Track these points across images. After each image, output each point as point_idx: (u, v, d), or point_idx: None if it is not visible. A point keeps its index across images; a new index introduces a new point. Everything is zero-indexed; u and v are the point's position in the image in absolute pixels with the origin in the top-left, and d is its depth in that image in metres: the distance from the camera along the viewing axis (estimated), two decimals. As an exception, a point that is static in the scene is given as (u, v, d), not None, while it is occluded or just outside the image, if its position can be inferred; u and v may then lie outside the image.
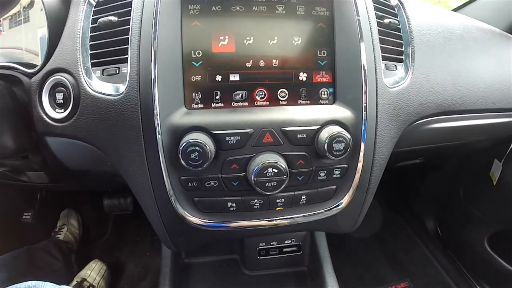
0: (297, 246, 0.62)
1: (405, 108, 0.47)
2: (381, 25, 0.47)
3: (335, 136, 0.37)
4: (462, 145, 0.70)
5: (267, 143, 0.39)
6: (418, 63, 0.50)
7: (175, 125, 0.37)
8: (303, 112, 0.40)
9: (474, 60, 0.56)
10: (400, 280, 0.90)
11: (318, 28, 0.41)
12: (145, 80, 0.38)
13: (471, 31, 0.58)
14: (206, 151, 0.36)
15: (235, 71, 0.40)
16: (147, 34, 0.38)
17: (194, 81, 0.39)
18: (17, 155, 0.49)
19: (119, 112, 0.40)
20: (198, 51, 0.39)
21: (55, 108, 0.43)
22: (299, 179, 0.41)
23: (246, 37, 0.39)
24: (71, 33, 0.43)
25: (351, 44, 0.41)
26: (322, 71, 0.41)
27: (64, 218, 1.03)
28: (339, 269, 0.61)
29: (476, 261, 0.85)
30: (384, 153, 0.45)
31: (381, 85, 0.44)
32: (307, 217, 0.44)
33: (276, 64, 0.40)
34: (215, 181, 0.40)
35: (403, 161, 0.74)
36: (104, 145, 0.43)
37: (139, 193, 0.44)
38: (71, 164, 0.53)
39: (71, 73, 0.42)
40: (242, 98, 0.40)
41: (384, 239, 1.02)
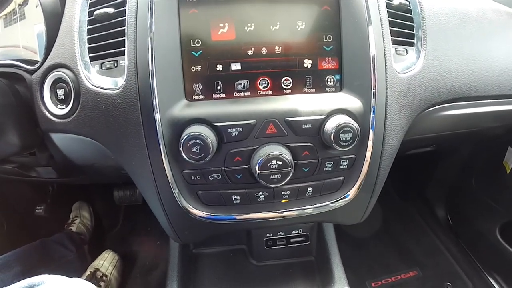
0: (305, 236, 0.62)
1: (417, 94, 0.45)
2: (390, 7, 0.44)
3: (342, 126, 0.36)
4: (475, 132, 0.67)
5: (271, 134, 0.38)
6: (431, 47, 0.47)
7: (175, 118, 0.37)
8: (308, 101, 0.38)
9: (489, 43, 0.53)
10: (409, 269, 0.89)
11: (323, 11, 0.39)
12: (143, 72, 0.37)
13: (486, 12, 0.55)
14: (207, 144, 0.35)
15: (236, 60, 0.38)
16: (143, 24, 0.37)
17: (194, 71, 0.38)
18: (24, 152, 0.50)
19: (119, 106, 0.39)
20: (197, 40, 0.37)
21: (56, 104, 0.43)
22: (305, 170, 0.40)
23: (246, 23, 0.38)
24: (68, 27, 0.42)
25: (359, 27, 0.39)
26: (328, 57, 0.39)
27: (76, 210, 1.05)
28: (347, 259, 0.61)
29: (487, 251, 0.84)
30: (394, 143, 0.43)
31: (390, 71, 0.42)
32: (313, 209, 0.43)
33: (279, 51, 0.38)
34: (219, 174, 0.39)
35: (413, 149, 0.72)
36: (106, 140, 0.42)
37: (143, 187, 0.43)
38: (77, 159, 0.53)
39: (71, 68, 0.41)
40: (244, 87, 0.38)
41: (393, 228, 1.01)
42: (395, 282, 0.86)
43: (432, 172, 1.01)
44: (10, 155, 0.51)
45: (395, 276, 0.87)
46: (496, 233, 0.79)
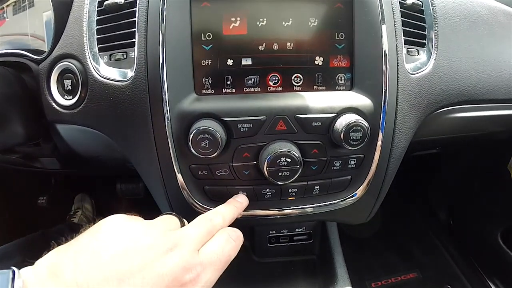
0: (308, 235, 0.61)
1: (427, 96, 0.44)
2: (403, 7, 0.44)
3: (352, 125, 0.36)
4: (482, 136, 0.67)
5: (280, 131, 0.37)
6: (442, 48, 0.46)
7: (184, 112, 0.36)
8: (319, 98, 0.38)
9: (499, 46, 0.53)
10: (409, 271, 0.89)
11: (336, 9, 0.38)
12: (153, 65, 0.37)
13: (497, 15, 0.54)
14: (217, 138, 0.34)
15: (247, 55, 0.38)
16: (154, 16, 0.37)
17: (204, 65, 0.37)
18: (28, 142, 0.49)
19: (127, 98, 0.39)
20: (208, 33, 0.37)
21: (63, 95, 0.42)
22: (313, 168, 0.40)
23: (259, 18, 0.37)
24: (77, 17, 0.42)
25: (372, 26, 0.38)
26: (339, 55, 0.39)
27: (78, 202, 1.05)
28: (349, 258, 0.61)
29: (488, 255, 0.84)
30: (403, 143, 0.43)
31: (402, 71, 0.41)
32: (320, 207, 0.43)
33: (291, 47, 0.38)
34: (226, 170, 0.39)
35: (419, 151, 0.72)
36: (113, 132, 0.42)
37: (149, 180, 0.43)
38: (82, 150, 0.53)
39: (78, 59, 0.41)
40: (254, 83, 0.38)
41: (394, 229, 1.01)
42: (395, 283, 0.86)
43: (435, 174, 1.01)
44: (14, 145, 0.51)
45: (395, 277, 0.87)
46: (498, 237, 0.79)
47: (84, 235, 0.28)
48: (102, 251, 0.26)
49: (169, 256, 0.27)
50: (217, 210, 0.35)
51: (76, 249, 0.27)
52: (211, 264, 0.29)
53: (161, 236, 0.29)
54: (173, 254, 0.27)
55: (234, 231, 0.33)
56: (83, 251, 0.26)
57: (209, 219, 0.32)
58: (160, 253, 0.27)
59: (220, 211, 0.35)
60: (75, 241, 0.28)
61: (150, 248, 0.27)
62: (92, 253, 0.26)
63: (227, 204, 0.37)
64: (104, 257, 0.26)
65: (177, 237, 0.29)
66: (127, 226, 0.29)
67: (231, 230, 0.33)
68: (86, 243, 0.27)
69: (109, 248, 0.26)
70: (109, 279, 0.25)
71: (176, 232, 0.30)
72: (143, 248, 0.27)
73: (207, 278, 0.28)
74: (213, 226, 0.32)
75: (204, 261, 0.28)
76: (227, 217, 0.34)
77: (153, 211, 0.46)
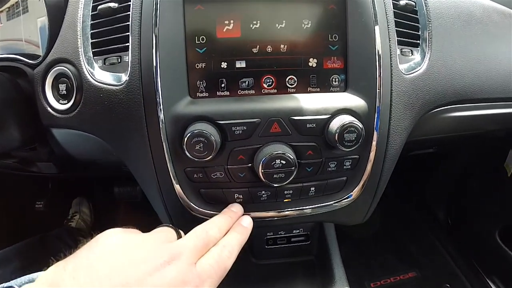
0: (305, 236, 0.61)
1: (421, 96, 0.44)
2: (396, 7, 0.44)
3: (346, 126, 0.36)
4: (478, 135, 0.67)
5: (275, 133, 0.37)
6: (436, 48, 0.47)
7: (179, 115, 0.36)
8: (313, 100, 0.38)
9: (493, 45, 0.53)
10: (408, 270, 0.89)
11: (329, 10, 0.38)
12: (147, 68, 0.37)
13: (491, 14, 0.54)
14: (211, 141, 0.34)
15: (241, 58, 0.38)
16: (148, 20, 0.37)
17: (198, 68, 0.37)
18: (24, 146, 0.49)
19: (122, 102, 0.39)
20: (202, 36, 0.37)
21: (58, 99, 0.42)
22: (308, 170, 0.40)
23: (252, 21, 0.37)
24: (71, 22, 0.42)
25: (365, 27, 0.38)
26: (333, 57, 0.39)
27: (76, 206, 1.05)
28: (347, 258, 0.61)
29: (487, 254, 0.84)
30: (398, 144, 0.43)
31: (396, 72, 0.41)
32: (316, 209, 0.43)
33: (285, 49, 0.38)
34: (221, 173, 0.39)
35: (415, 151, 0.72)
36: (109, 136, 0.42)
37: (144, 184, 0.43)
38: (78, 154, 0.53)
39: (73, 63, 0.41)
40: (248, 85, 0.38)
41: (392, 229, 1.01)
42: (394, 282, 0.86)
43: (432, 174, 1.01)
44: (11, 149, 0.51)
45: (394, 277, 0.87)
46: (496, 236, 0.79)
47: (82, 250, 0.29)
48: (99, 265, 0.26)
49: (167, 269, 0.27)
50: (213, 222, 0.35)
51: (74, 264, 0.27)
52: (209, 277, 0.29)
53: (157, 248, 0.29)
54: (171, 267, 0.27)
55: (229, 244, 0.32)
56: (81, 267, 0.26)
57: (205, 230, 0.32)
58: (157, 265, 0.27)
59: (216, 222, 0.35)
60: (73, 257, 0.28)
61: (145, 261, 0.27)
62: (90, 268, 0.26)
63: (222, 214, 0.37)
64: (102, 271, 0.26)
65: (174, 249, 0.29)
66: (123, 239, 0.29)
67: (227, 242, 0.33)
68: (83, 258, 0.27)
69: (105, 262, 0.27)
70: None
71: (173, 244, 0.30)
72: (139, 261, 0.27)
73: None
74: (209, 238, 0.32)
75: (201, 274, 0.28)
76: (222, 228, 0.34)
77: (151, 214, 0.46)
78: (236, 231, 0.35)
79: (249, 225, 0.37)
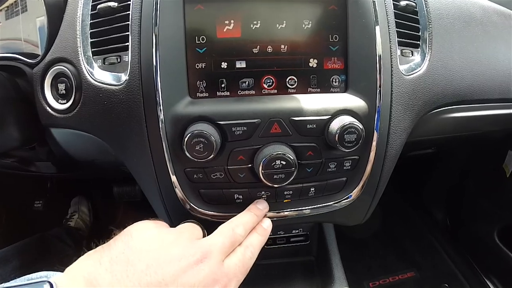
0: (305, 236, 0.61)
1: (421, 97, 0.44)
2: (397, 8, 0.44)
3: (346, 127, 0.36)
4: (477, 136, 0.68)
5: (275, 133, 0.37)
6: (436, 49, 0.47)
7: (179, 115, 0.36)
8: (313, 101, 0.38)
9: (493, 46, 0.53)
10: (406, 270, 0.90)
11: (330, 11, 0.38)
12: (147, 68, 0.36)
13: (490, 15, 0.54)
14: (211, 142, 0.34)
15: (242, 58, 0.37)
16: (148, 20, 0.36)
17: (198, 68, 0.37)
18: (23, 146, 0.49)
19: (121, 102, 0.38)
20: (202, 36, 0.37)
21: (57, 99, 0.42)
22: (308, 171, 0.40)
23: (252, 21, 0.37)
24: (70, 21, 0.42)
25: (366, 28, 0.38)
26: (333, 57, 0.39)
27: (75, 205, 1.05)
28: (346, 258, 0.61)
29: (485, 254, 0.84)
30: (398, 144, 0.43)
31: (396, 73, 0.41)
32: (316, 209, 0.43)
33: (285, 49, 0.38)
34: (221, 173, 0.39)
35: (415, 151, 0.72)
36: (108, 136, 0.42)
37: (144, 184, 0.43)
38: (77, 154, 0.53)
39: (72, 63, 0.41)
40: (248, 86, 0.38)
41: (391, 229, 1.01)
42: (393, 282, 0.87)
43: (431, 174, 1.01)
44: (9, 149, 0.50)
45: (392, 277, 0.87)
46: (494, 236, 0.79)
47: (116, 243, 0.29)
48: (136, 261, 0.27)
49: (200, 267, 0.28)
50: (240, 220, 0.35)
51: (109, 258, 0.27)
52: (235, 276, 0.30)
53: (190, 245, 0.30)
54: (203, 265, 0.28)
55: (252, 245, 0.33)
56: (117, 261, 0.27)
57: (232, 229, 0.33)
58: (191, 263, 0.28)
59: (242, 220, 0.35)
60: (107, 249, 0.28)
61: (181, 258, 0.28)
62: (127, 262, 0.27)
63: (248, 211, 0.37)
64: (139, 267, 0.26)
65: (204, 247, 0.30)
66: (157, 235, 0.30)
67: (249, 243, 0.33)
68: (119, 252, 0.28)
69: (142, 257, 0.27)
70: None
71: (203, 242, 0.31)
72: (175, 258, 0.28)
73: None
74: (236, 237, 0.33)
75: (229, 273, 0.29)
76: (248, 227, 0.35)
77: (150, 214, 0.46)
78: (258, 233, 0.36)
79: (269, 228, 0.38)
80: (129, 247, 0.28)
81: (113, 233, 0.31)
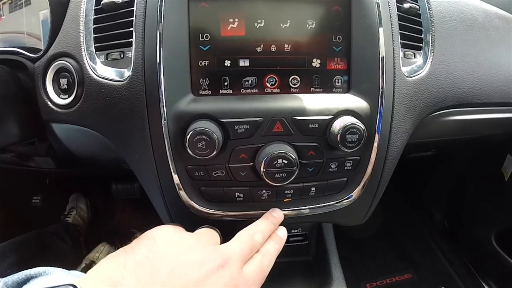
0: (304, 236, 0.61)
1: (423, 99, 0.45)
2: (400, 10, 0.44)
3: (348, 127, 0.36)
4: (476, 139, 0.68)
5: (277, 132, 0.37)
6: (438, 51, 0.47)
7: (181, 112, 0.36)
8: (316, 100, 0.38)
9: (494, 50, 0.53)
10: (404, 271, 0.90)
11: (334, 11, 0.38)
12: (151, 65, 0.36)
13: (492, 19, 0.55)
14: (213, 140, 0.34)
15: (245, 56, 0.38)
16: (152, 16, 0.36)
17: (201, 66, 0.37)
18: (23, 141, 0.49)
19: (124, 98, 0.38)
20: (206, 34, 0.37)
21: (59, 94, 0.42)
22: (309, 170, 0.40)
23: (257, 19, 0.37)
24: (74, 16, 0.42)
25: (369, 29, 0.39)
26: (336, 58, 0.39)
27: (73, 201, 1.05)
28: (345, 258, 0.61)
29: (482, 257, 0.84)
30: (398, 146, 0.43)
31: (398, 74, 0.42)
32: (316, 209, 0.43)
33: (288, 49, 0.38)
34: (223, 171, 0.39)
35: (415, 153, 0.72)
36: (109, 132, 0.42)
37: (145, 181, 0.43)
38: (77, 150, 0.52)
39: (75, 58, 0.40)
40: (251, 84, 0.38)
41: (391, 230, 1.02)
42: (390, 283, 0.87)
43: (430, 177, 1.01)
44: (9, 144, 0.50)
45: (390, 278, 0.88)
46: (492, 239, 0.80)
47: (139, 247, 0.29)
48: (160, 265, 0.27)
49: (221, 272, 0.28)
50: (257, 228, 0.35)
51: (133, 262, 0.27)
52: (253, 282, 0.30)
53: (210, 251, 0.30)
54: (224, 270, 0.28)
55: (268, 253, 0.34)
56: (141, 265, 0.27)
57: (251, 236, 0.33)
58: (212, 269, 0.28)
59: (260, 228, 0.35)
60: (131, 253, 0.28)
61: (202, 264, 0.28)
62: (151, 266, 0.27)
63: (264, 219, 0.37)
64: (163, 272, 0.27)
65: (225, 253, 0.30)
66: (180, 239, 0.31)
67: (266, 251, 0.34)
68: (144, 256, 0.28)
69: (166, 262, 0.28)
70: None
71: (223, 248, 0.31)
72: (197, 263, 0.28)
73: None
74: (254, 244, 0.33)
75: (248, 280, 0.30)
76: (265, 235, 0.35)
77: (149, 211, 0.46)
78: (274, 241, 0.36)
79: (285, 237, 0.38)
80: (153, 251, 0.28)
81: (135, 236, 0.31)
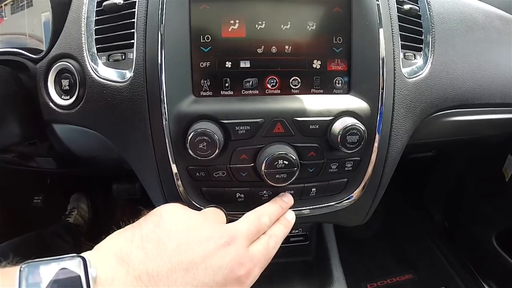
0: (304, 236, 0.62)
1: (423, 100, 0.45)
2: (401, 11, 0.44)
3: (349, 128, 0.36)
4: (477, 139, 0.68)
5: (278, 133, 0.38)
6: (438, 52, 0.47)
7: (182, 114, 0.36)
8: (316, 101, 0.38)
9: (495, 51, 0.53)
10: (404, 272, 0.90)
11: (334, 13, 0.39)
12: (152, 66, 0.37)
13: (493, 20, 0.55)
14: (214, 140, 0.34)
15: (246, 57, 0.38)
16: (153, 17, 0.37)
17: (202, 67, 0.37)
18: (24, 141, 0.49)
19: (125, 99, 0.39)
20: (207, 35, 0.37)
21: (61, 94, 0.42)
22: (310, 171, 0.40)
23: (257, 21, 0.37)
24: (75, 17, 0.42)
25: (369, 30, 0.39)
26: (337, 59, 0.39)
27: (74, 201, 1.05)
28: (345, 259, 0.61)
29: (483, 257, 0.84)
30: (399, 147, 0.44)
31: (399, 75, 0.42)
32: (316, 209, 0.43)
33: (289, 50, 0.38)
34: (224, 172, 0.39)
35: (415, 154, 0.72)
36: (111, 133, 0.42)
37: (146, 181, 0.43)
38: (79, 151, 0.53)
39: (76, 59, 0.41)
40: (252, 86, 0.38)
41: (391, 230, 1.02)
42: (390, 284, 0.87)
43: (431, 177, 1.01)
44: (10, 145, 0.50)
45: (390, 279, 0.88)
46: (492, 239, 0.80)
47: (146, 222, 0.29)
48: (167, 240, 0.27)
49: (227, 250, 0.29)
50: (266, 210, 0.35)
51: (141, 236, 0.27)
52: (259, 262, 0.31)
53: (217, 228, 0.30)
54: (230, 248, 0.29)
55: (275, 235, 0.34)
56: (148, 239, 0.27)
57: (258, 217, 0.33)
58: (219, 245, 0.28)
59: (268, 210, 0.35)
60: (138, 228, 0.29)
61: (209, 240, 0.28)
62: (158, 241, 0.27)
63: (273, 203, 0.37)
64: (170, 246, 0.27)
65: (231, 231, 0.30)
66: (186, 216, 0.31)
67: (273, 233, 0.34)
68: (150, 231, 0.28)
69: (172, 237, 0.28)
70: (176, 269, 0.26)
71: (229, 226, 0.31)
72: (203, 240, 0.28)
73: (255, 275, 0.30)
74: (261, 225, 0.33)
75: (254, 259, 0.30)
76: (273, 217, 0.35)
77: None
78: (282, 224, 0.36)
79: (293, 220, 0.38)
80: (160, 226, 0.28)
81: (142, 213, 0.31)
